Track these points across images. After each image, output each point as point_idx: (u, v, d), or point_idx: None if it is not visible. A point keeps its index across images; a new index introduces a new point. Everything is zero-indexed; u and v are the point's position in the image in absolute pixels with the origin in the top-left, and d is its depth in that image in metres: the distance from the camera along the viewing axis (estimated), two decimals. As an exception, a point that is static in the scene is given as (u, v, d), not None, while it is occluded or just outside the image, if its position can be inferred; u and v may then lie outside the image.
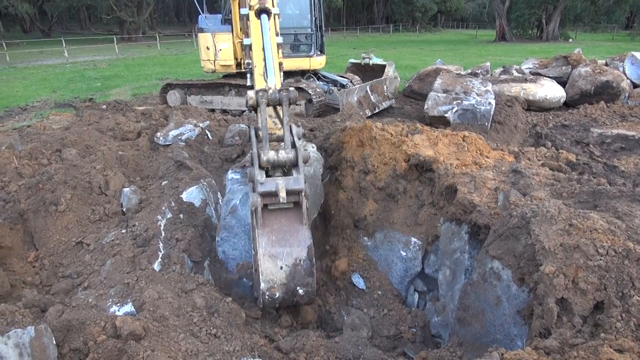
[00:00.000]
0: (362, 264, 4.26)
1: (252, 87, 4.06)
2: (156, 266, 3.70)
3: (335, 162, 4.89)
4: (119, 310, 3.02)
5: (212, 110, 10.22)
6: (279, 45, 4.45)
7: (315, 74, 11.63)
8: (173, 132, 6.56)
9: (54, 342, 2.45)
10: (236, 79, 10.89)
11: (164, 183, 5.03)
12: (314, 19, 10.89)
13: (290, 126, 3.64)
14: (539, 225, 2.67)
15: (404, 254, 4.03)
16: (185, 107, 9.18)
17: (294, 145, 3.53)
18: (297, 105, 10.26)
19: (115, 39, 33.13)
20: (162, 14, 71.35)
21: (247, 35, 4.43)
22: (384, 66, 12.78)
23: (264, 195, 3.24)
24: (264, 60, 3.94)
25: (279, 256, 3.28)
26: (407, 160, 4.27)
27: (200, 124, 6.80)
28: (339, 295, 4.13)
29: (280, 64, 4.38)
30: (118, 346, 2.54)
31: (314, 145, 5.06)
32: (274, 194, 3.21)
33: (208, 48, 10.72)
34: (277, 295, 3.29)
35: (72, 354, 2.53)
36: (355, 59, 14.03)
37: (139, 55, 29.75)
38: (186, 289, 3.41)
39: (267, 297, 3.28)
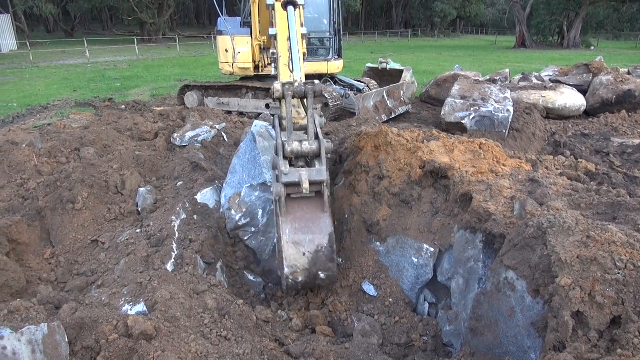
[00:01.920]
0: (373, 269, 4.23)
1: (276, 77, 4.26)
2: (169, 266, 3.72)
3: (350, 167, 4.88)
4: (131, 310, 3.04)
5: (229, 113, 10.30)
6: (303, 36, 4.52)
7: (332, 78, 11.64)
8: (190, 134, 6.62)
9: (67, 339, 2.48)
10: (253, 81, 10.95)
11: (179, 184, 5.08)
12: (332, 23, 10.91)
13: (314, 117, 3.72)
14: (556, 236, 2.62)
15: (416, 260, 3.99)
16: (202, 108, 9.26)
17: (317, 137, 3.65)
18: (313, 109, 10.27)
19: (135, 40, 33.60)
20: (183, 16, 72.22)
21: (272, 25, 4.52)
22: (401, 71, 12.74)
23: (287, 185, 3.37)
24: (289, 50, 4.03)
25: (301, 243, 3.44)
26: (422, 167, 4.24)
27: (217, 126, 6.85)
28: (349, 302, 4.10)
29: (304, 54, 4.48)
30: (129, 345, 2.55)
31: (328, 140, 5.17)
32: (297, 185, 3.33)
33: (227, 50, 10.80)
34: (300, 279, 3.48)
35: (84, 352, 2.55)
36: (372, 64, 14.01)
37: (158, 57, 30.13)
38: (198, 290, 3.42)
39: (290, 280, 3.47)
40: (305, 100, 3.86)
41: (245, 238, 4.55)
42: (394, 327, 3.83)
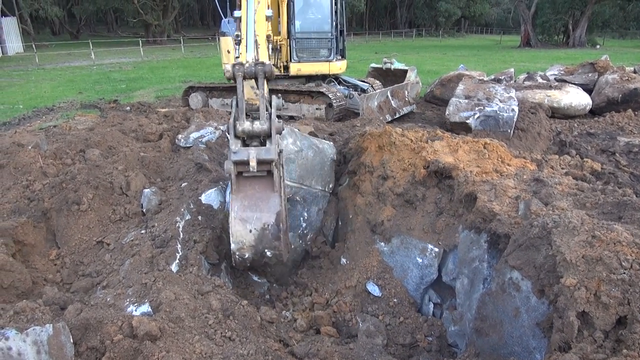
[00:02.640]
0: (378, 270, 4.23)
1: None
2: (174, 267, 3.73)
3: (354, 167, 4.87)
4: (136, 310, 3.05)
5: (233, 113, 10.28)
6: (268, 18, 4.56)
7: (336, 78, 11.63)
8: (194, 135, 6.63)
9: (71, 340, 2.49)
10: (257, 82, 10.94)
11: (183, 185, 5.09)
12: (334, 23, 10.90)
13: (268, 99, 3.76)
14: (561, 236, 2.61)
15: (420, 260, 3.98)
16: (206, 109, 9.28)
17: (270, 118, 3.71)
18: (317, 109, 10.28)
19: (140, 41, 33.68)
20: (187, 18, 72.45)
21: (239, 7, 4.55)
22: (405, 71, 12.71)
23: (236, 163, 3.44)
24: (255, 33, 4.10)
25: (248, 220, 3.50)
26: (426, 167, 4.23)
27: (221, 127, 6.87)
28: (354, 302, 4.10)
29: (268, 37, 4.53)
30: (134, 346, 2.56)
31: (330, 143, 5.18)
32: (246, 163, 3.40)
33: (229, 52, 10.81)
34: (247, 255, 3.54)
35: (89, 353, 2.57)
36: (376, 64, 13.98)
37: (163, 58, 30.21)
38: (202, 291, 3.43)
39: (237, 256, 3.54)
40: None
41: None
42: (398, 327, 3.82)
